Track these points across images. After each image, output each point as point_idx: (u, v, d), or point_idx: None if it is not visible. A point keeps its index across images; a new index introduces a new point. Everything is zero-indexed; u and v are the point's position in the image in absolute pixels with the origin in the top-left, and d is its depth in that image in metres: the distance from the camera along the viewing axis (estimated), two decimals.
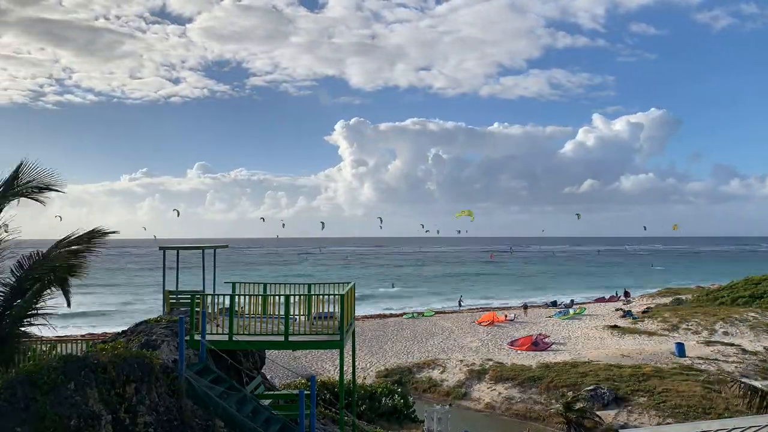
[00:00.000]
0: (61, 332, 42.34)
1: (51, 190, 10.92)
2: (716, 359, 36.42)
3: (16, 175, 10.72)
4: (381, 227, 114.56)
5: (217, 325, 14.96)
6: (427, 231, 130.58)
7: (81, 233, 11.51)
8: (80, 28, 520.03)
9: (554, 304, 69.65)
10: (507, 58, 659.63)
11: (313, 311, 16.26)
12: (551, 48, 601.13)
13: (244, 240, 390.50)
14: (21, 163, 10.77)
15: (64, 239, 11.43)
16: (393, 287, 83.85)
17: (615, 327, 49.89)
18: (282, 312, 14.88)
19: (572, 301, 70.81)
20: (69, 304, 11.47)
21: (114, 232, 11.72)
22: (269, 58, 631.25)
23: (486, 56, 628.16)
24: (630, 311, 57.28)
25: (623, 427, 25.36)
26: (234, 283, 17.41)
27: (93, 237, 11.48)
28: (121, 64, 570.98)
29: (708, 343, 41.65)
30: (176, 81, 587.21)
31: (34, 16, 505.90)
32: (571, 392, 27.61)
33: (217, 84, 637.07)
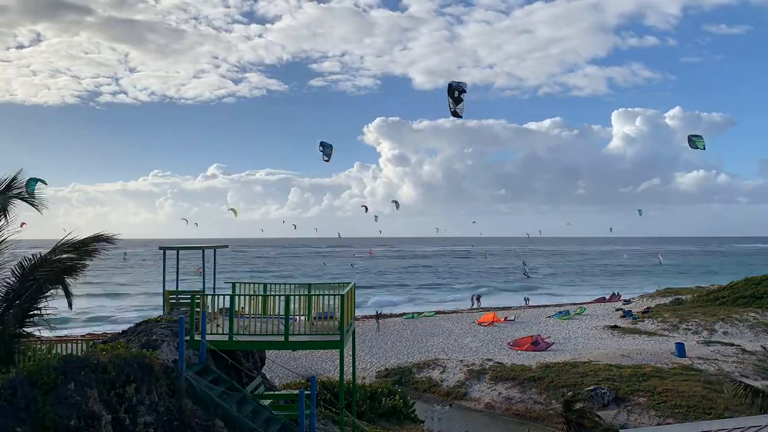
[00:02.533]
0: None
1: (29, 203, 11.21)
2: (716, 359, 36.43)
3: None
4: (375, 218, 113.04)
5: (218, 326, 14.97)
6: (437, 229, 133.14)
7: (83, 237, 11.56)
8: (164, 29, 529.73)
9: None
10: (572, 58, 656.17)
11: (313, 311, 16.27)
12: (618, 48, 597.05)
13: (282, 240, 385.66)
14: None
15: (65, 242, 11.46)
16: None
17: (615, 327, 49.94)
18: (282, 312, 14.89)
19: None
20: (70, 306, 11.49)
21: (114, 237, 11.75)
22: (339, 60, 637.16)
23: (552, 56, 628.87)
24: (630, 311, 57.29)
25: (623, 427, 25.34)
26: (234, 283, 17.42)
27: (95, 241, 11.52)
28: (191, 66, 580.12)
29: (708, 343, 41.67)
30: (238, 81, 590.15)
31: (119, 17, 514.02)
32: (571, 392, 27.60)
33: (278, 84, 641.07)
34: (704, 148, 33.36)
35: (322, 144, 31.99)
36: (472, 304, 71.80)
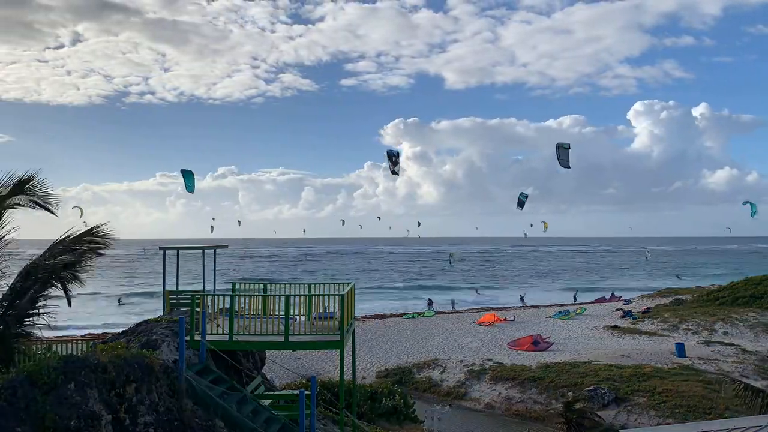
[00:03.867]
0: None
1: (45, 208, 11.21)
2: (716, 359, 36.41)
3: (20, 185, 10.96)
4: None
5: (218, 326, 14.97)
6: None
7: (79, 233, 11.52)
8: (210, 30, 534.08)
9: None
10: (605, 57, 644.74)
11: (313, 311, 16.27)
12: (654, 47, 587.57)
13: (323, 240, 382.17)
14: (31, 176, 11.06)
15: (62, 239, 11.42)
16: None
17: (615, 327, 49.92)
18: (282, 312, 14.90)
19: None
20: (69, 304, 11.48)
21: (110, 231, 11.73)
22: (375, 61, 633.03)
23: (585, 55, 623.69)
24: (630, 311, 57.28)
25: (623, 427, 25.33)
26: (234, 283, 17.44)
27: (91, 236, 11.49)
28: (227, 66, 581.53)
29: (708, 343, 41.65)
30: (271, 81, 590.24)
31: (167, 18, 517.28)
32: (571, 392, 27.60)
33: (310, 84, 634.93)
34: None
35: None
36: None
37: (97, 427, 9.81)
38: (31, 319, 10.98)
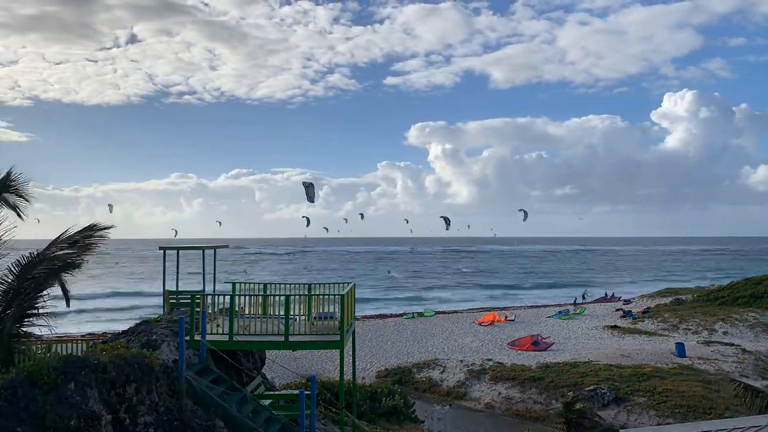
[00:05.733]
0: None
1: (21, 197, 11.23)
2: (716, 359, 36.42)
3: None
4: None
5: (218, 326, 14.96)
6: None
7: (76, 230, 11.52)
8: (270, 30, 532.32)
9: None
10: (653, 57, 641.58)
11: (313, 311, 16.27)
12: (705, 46, 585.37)
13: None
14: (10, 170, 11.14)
15: (60, 237, 11.42)
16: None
17: (615, 327, 49.95)
18: (282, 312, 14.90)
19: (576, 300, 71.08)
20: (68, 304, 11.47)
21: (109, 228, 11.73)
22: (426, 60, 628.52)
23: (632, 54, 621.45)
24: (630, 311, 57.30)
25: (623, 427, 25.32)
26: (234, 283, 17.44)
27: (90, 234, 11.48)
28: (277, 66, 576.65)
29: (708, 343, 41.67)
30: (316, 81, 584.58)
31: (230, 20, 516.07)
32: (571, 392, 27.58)
33: (354, 84, 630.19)
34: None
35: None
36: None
37: (97, 427, 9.81)
38: (30, 319, 10.98)
